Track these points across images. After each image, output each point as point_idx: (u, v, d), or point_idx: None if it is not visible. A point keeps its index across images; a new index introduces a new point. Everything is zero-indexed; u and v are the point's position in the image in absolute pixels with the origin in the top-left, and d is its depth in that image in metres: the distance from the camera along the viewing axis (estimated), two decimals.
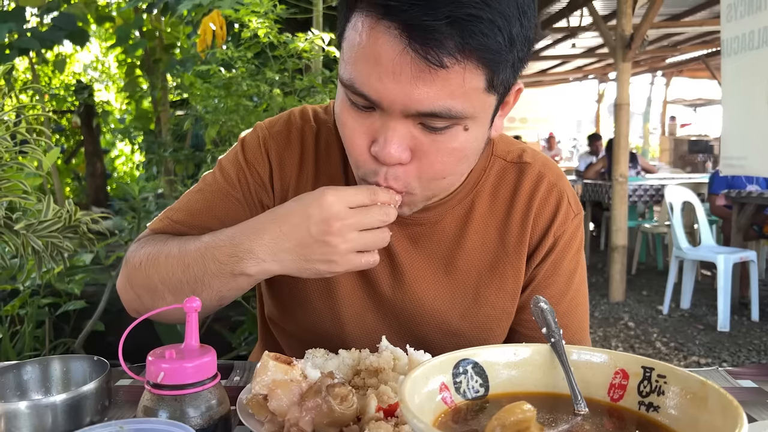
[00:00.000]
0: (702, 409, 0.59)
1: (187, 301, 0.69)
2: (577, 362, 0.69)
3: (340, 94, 0.85)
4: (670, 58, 11.29)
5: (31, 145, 1.84)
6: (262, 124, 1.06)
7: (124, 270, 0.97)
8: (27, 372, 0.79)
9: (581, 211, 1.06)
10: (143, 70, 6.74)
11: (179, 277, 0.88)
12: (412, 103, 0.75)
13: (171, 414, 0.66)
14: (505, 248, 1.01)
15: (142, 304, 0.95)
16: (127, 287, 0.96)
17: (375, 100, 0.77)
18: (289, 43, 2.78)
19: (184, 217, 1.01)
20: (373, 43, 0.75)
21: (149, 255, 0.93)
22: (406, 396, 0.56)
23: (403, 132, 0.79)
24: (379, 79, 0.75)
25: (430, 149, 0.81)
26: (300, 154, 1.03)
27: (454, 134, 0.80)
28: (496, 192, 1.02)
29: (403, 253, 1.00)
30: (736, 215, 4.97)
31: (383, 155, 0.79)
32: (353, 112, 0.82)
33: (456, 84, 0.74)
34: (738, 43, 4.13)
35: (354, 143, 0.84)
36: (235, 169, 1.02)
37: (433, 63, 0.72)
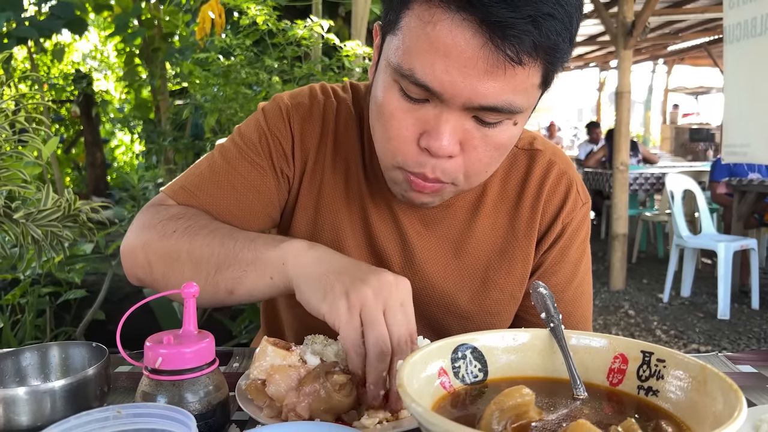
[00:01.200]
0: (701, 393, 0.59)
1: (184, 286, 0.68)
2: (576, 347, 0.69)
3: (387, 82, 0.82)
4: (672, 46, 11.23)
5: (30, 135, 1.83)
6: (282, 95, 1.04)
7: (144, 234, 0.92)
8: (26, 358, 0.79)
9: (589, 200, 1.06)
10: (142, 59, 6.72)
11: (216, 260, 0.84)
12: (476, 97, 0.75)
13: (169, 399, 0.66)
14: (515, 233, 1.02)
15: (151, 272, 0.91)
16: (139, 252, 0.91)
17: (437, 92, 0.76)
18: (288, 31, 2.76)
19: (208, 186, 0.97)
20: (446, 34, 0.73)
21: (186, 228, 0.88)
22: (405, 381, 0.56)
23: (457, 125, 0.78)
24: (446, 71, 0.74)
25: (480, 144, 0.81)
26: (321, 129, 1.02)
27: (504, 129, 0.81)
28: (507, 177, 1.03)
29: (414, 235, 1.01)
30: (737, 203, 4.96)
31: (436, 148, 0.78)
32: (404, 102, 0.80)
33: (521, 80, 0.75)
34: (740, 29, 4.11)
35: (400, 134, 0.81)
36: (257, 135, 1.00)
37: (511, 59, 0.72)
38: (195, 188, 0.98)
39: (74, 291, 2.79)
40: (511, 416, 0.56)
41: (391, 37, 0.80)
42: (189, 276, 0.86)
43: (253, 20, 2.75)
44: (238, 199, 0.97)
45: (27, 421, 0.67)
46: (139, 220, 0.95)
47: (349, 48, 2.75)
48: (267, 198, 0.99)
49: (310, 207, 1.02)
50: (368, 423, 0.69)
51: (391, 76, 0.81)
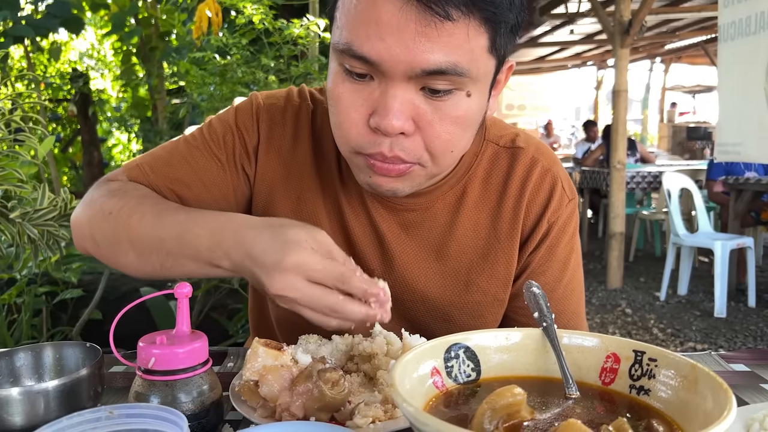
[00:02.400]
0: (692, 392, 0.59)
1: (177, 287, 0.69)
2: (568, 346, 0.70)
3: (332, 69, 0.82)
4: (669, 45, 11.23)
5: (26, 134, 1.83)
6: (258, 94, 1.04)
7: (87, 209, 0.92)
8: (20, 359, 0.79)
9: (575, 196, 1.04)
10: (139, 58, 6.71)
11: (151, 247, 0.84)
12: (416, 61, 0.73)
13: (162, 399, 0.66)
14: (497, 235, 1.00)
15: (98, 249, 0.91)
16: (85, 227, 0.92)
17: (376, 61, 0.74)
18: (285, 30, 2.76)
19: (163, 167, 0.97)
20: (373, 2, 0.73)
21: (121, 208, 0.88)
22: (397, 380, 0.56)
23: (404, 99, 0.76)
24: (380, 38, 0.73)
25: (434, 118, 0.79)
26: (294, 132, 1.01)
27: (456, 101, 0.79)
28: (488, 177, 1.01)
29: (393, 239, 0.99)
30: (734, 202, 4.97)
31: (384, 125, 0.76)
32: (348, 83, 0.79)
33: (461, 39, 0.73)
34: (735, 28, 4.11)
35: (349, 116, 0.80)
36: (223, 129, 0.99)
37: (438, 14, 0.71)
38: (148, 167, 0.97)
39: (71, 290, 2.79)
40: (502, 416, 0.56)
41: (333, 24, 0.81)
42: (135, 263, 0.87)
43: (250, 19, 2.75)
44: (188, 187, 0.97)
45: (20, 421, 0.67)
46: (88, 194, 0.96)
47: None
48: (220, 192, 0.99)
49: (289, 213, 1.00)
50: (361, 422, 0.69)
51: (336, 60, 0.80)
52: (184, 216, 0.84)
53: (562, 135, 16.00)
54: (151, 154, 1.00)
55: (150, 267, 0.86)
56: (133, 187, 0.95)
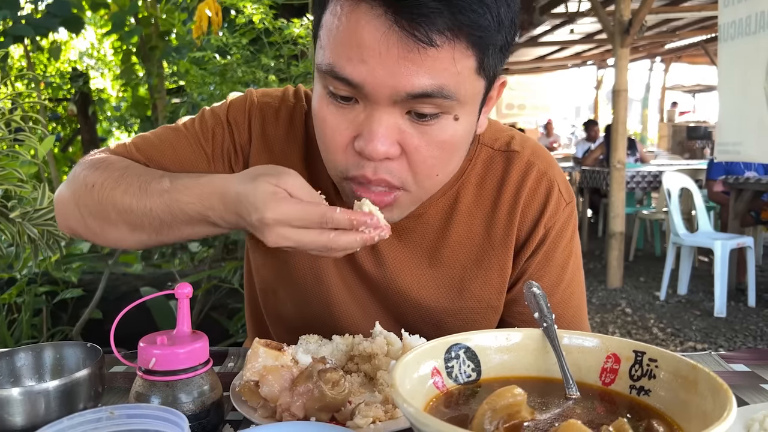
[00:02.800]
0: (692, 392, 0.59)
1: (178, 287, 0.69)
2: (568, 346, 0.70)
3: (318, 90, 0.80)
4: (669, 44, 11.24)
5: (26, 134, 1.83)
6: (254, 91, 1.03)
7: (71, 185, 0.92)
8: (20, 359, 0.79)
9: (573, 199, 1.03)
10: (139, 57, 6.70)
11: (141, 218, 0.85)
12: (400, 85, 0.71)
13: (163, 400, 0.66)
14: (491, 241, 0.98)
15: (86, 226, 0.91)
16: (71, 204, 0.91)
17: (358, 83, 0.73)
18: (285, 29, 2.76)
19: (148, 149, 0.97)
20: (354, 25, 0.71)
21: (104, 181, 0.88)
22: (397, 381, 0.56)
23: (390, 124, 0.75)
24: (362, 61, 0.71)
25: (420, 143, 0.77)
26: (286, 132, 1.00)
27: (443, 125, 0.77)
28: (482, 182, 0.99)
29: (385, 245, 0.98)
30: (734, 201, 4.97)
31: (369, 150, 0.75)
32: (333, 105, 0.78)
33: (447, 63, 0.71)
34: (735, 28, 4.11)
35: (334, 140, 0.79)
36: (213, 122, 0.99)
37: (421, 41, 0.69)
38: (134, 148, 0.98)
39: (71, 290, 2.79)
40: (503, 416, 0.56)
41: (317, 42, 0.79)
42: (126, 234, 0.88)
43: (250, 19, 2.75)
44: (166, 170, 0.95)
45: (21, 421, 0.67)
46: (71, 172, 0.96)
47: None
48: None
49: None
50: (362, 422, 0.69)
51: (320, 81, 0.79)
52: (168, 183, 0.84)
53: (562, 134, 16.00)
54: (141, 136, 1.00)
55: (145, 236, 0.87)
56: (117, 159, 0.94)
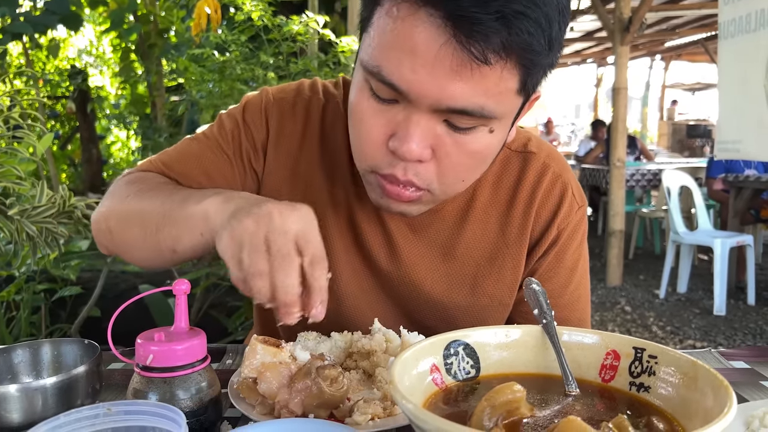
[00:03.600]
0: (692, 389, 0.59)
1: (175, 283, 0.68)
2: (568, 343, 0.69)
3: (358, 81, 0.80)
4: (669, 42, 11.22)
5: (24, 131, 1.82)
6: (268, 89, 1.03)
7: (107, 202, 0.95)
8: (18, 355, 0.79)
9: (585, 203, 1.03)
10: (138, 55, 6.70)
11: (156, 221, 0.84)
12: (444, 98, 0.72)
13: (161, 396, 0.66)
14: (506, 239, 1.00)
15: (112, 239, 0.93)
16: (101, 220, 0.93)
17: (404, 91, 0.73)
18: (284, 26, 2.75)
19: (174, 163, 0.99)
20: (410, 30, 0.70)
21: (139, 190, 0.90)
22: (396, 377, 0.56)
23: (426, 128, 0.76)
24: (412, 70, 0.71)
25: (452, 150, 0.78)
26: (303, 126, 1.00)
27: (478, 136, 0.78)
28: (499, 181, 1.00)
29: (401, 239, 0.99)
30: (734, 199, 4.97)
31: (403, 151, 0.76)
32: (373, 102, 0.78)
33: (492, 82, 0.72)
34: (735, 25, 4.11)
35: (370, 136, 0.79)
36: (231, 125, 1.00)
37: (476, 57, 0.69)
38: (161, 163, 0.99)
39: (69, 288, 2.79)
40: (502, 413, 0.56)
41: (365, 35, 0.78)
42: (137, 236, 0.87)
43: (249, 16, 2.74)
44: (195, 182, 0.97)
45: (19, 418, 0.67)
46: (107, 191, 0.97)
47: (345, 44, 2.74)
48: (228, 187, 0.98)
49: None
50: (360, 419, 0.69)
51: (362, 75, 0.78)
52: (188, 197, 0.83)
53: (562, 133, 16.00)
54: (163, 152, 1.02)
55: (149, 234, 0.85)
56: (153, 176, 0.97)
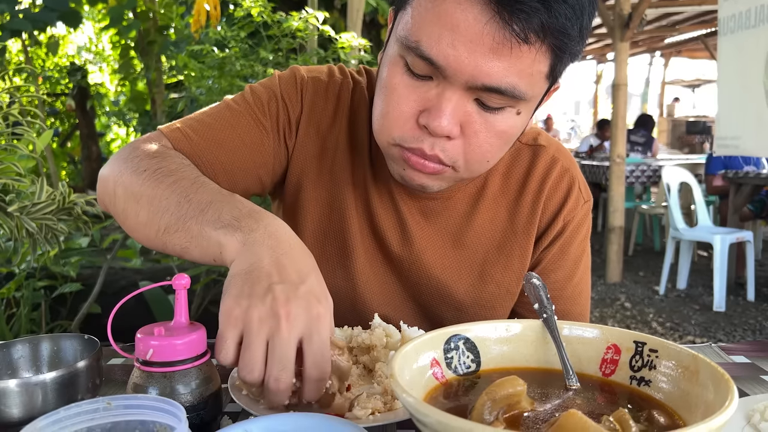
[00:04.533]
0: (693, 382, 0.59)
1: (175, 278, 0.68)
2: (569, 337, 0.69)
3: (391, 57, 0.82)
4: (669, 38, 11.20)
5: (24, 128, 1.82)
6: (299, 67, 1.03)
7: (121, 164, 0.87)
8: (18, 351, 0.78)
9: (590, 199, 1.06)
10: (137, 52, 6.69)
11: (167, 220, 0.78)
12: (480, 75, 0.74)
13: (161, 391, 0.66)
14: (514, 228, 1.02)
15: (114, 203, 0.87)
16: (109, 180, 0.87)
17: (441, 66, 0.75)
18: (283, 23, 2.75)
19: (206, 130, 0.94)
20: (453, 7, 0.73)
21: (159, 168, 0.83)
22: (396, 372, 0.56)
23: (458, 105, 0.78)
24: (452, 45, 0.73)
25: (481, 129, 0.80)
26: (335, 107, 1.01)
27: (506, 116, 0.80)
28: (509, 172, 1.02)
29: (413, 224, 1.01)
30: (733, 196, 4.97)
31: (434, 126, 0.78)
32: (407, 76, 0.80)
33: (526, 63, 0.74)
34: (735, 21, 4.10)
35: (399, 108, 0.81)
36: (268, 96, 0.98)
37: (517, 35, 0.71)
38: (192, 131, 0.94)
39: (69, 284, 2.79)
40: (503, 406, 0.56)
41: (402, 12, 0.80)
42: (143, 223, 0.81)
43: (248, 12, 2.74)
44: (231, 151, 0.94)
45: (19, 413, 0.67)
46: (123, 150, 0.92)
47: (344, 40, 2.74)
48: (261, 158, 0.97)
49: (320, 187, 1.01)
50: (361, 414, 0.69)
51: (398, 51, 0.80)
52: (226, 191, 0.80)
53: (562, 129, 15.99)
54: (192, 117, 0.97)
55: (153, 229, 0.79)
56: (176, 154, 0.90)
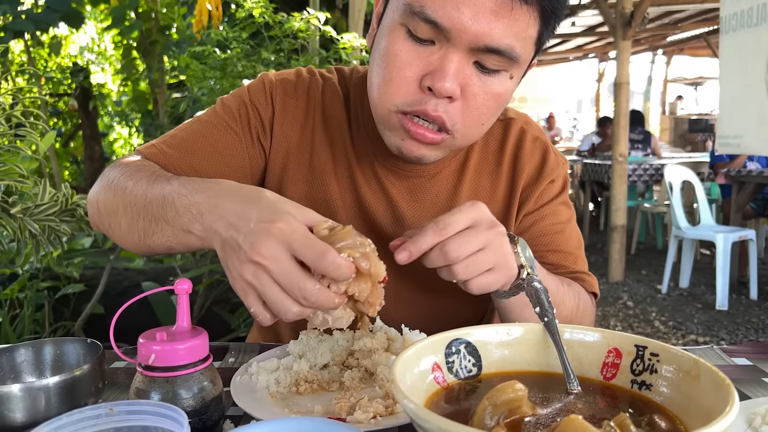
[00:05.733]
0: (694, 387, 0.59)
1: (177, 283, 0.68)
2: (570, 341, 0.69)
3: (393, 25, 0.85)
4: (671, 36, 11.18)
5: (27, 129, 1.83)
6: (268, 73, 1.09)
7: (98, 184, 0.95)
8: (21, 355, 0.79)
9: (566, 162, 1.13)
10: (139, 52, 6.69)
11: (138, 210, 0.83)
12: (482, 36, 0.79)
13: (163, 396, 0.66)
14: (496, 196, 1.07)
15: (101, 220, 0.94)
16: (93, 201, 0.95)
17: (446, 28, 0.79)
18: (285, 23, 2.75)
19: (180, 143, 1.00)
20: None
21: (122, 176, 0.90)
22: (398, 376, 0.56)
23: (459, 67, 0.82)
24: (456, 8, 0.78)
25: (479, 91, 0.85)
26: (306, 105, 1.06)
27: (501, 79, 0.86)
28: (486, 145, 1.08)
29: (403, 204, 1.04)
30: (736, 194, 4.95)
31: (438, 86, 0.81)
32: (409, 42, 0.83)
33: (521, 26, 0.81)
34: (736, 19, 4.09)
35: (402, 73, 0.84)
36: (237, 104, 1.04)
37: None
38: (166, 146, 1.00)
39: (73, 285, 2.79)
40: (504, 411, 0.56)
41: None
42: (125, 232, 0.87)
43: (250, 13, 2.74)
44: (204, 158, 0.99)
45: (22, 417, 0.67)
46: (103, 172, 0.98)
47: (346, 40, 2.74)
48: (236, 162, 1.01)
49: (301, 181, 1.04)
50: (362, 417, 0.69)
51: (398, 20, 0.84)
52: (177, 182, 0.81)
53: (564, 127, 15.96)
54: (166, 135, 1.04)
55: (135, 235, 0.85)
56: (139, 160, 0.97)
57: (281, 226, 0.66)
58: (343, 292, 0.68)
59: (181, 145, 0.99)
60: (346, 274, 0.66)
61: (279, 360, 0.84)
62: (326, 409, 0.74)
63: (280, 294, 0.66)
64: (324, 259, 0.65)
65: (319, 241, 0.66)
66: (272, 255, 0.65)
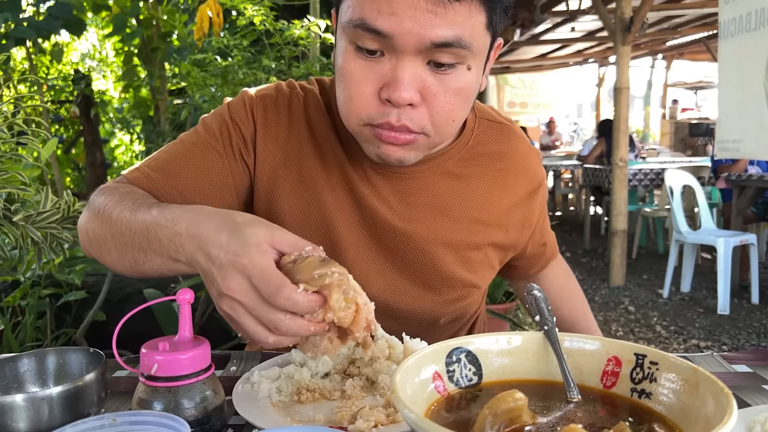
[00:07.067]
0: (693, 395, 0.59)
1: (179, 293, 0.69)
2: (570, 350, 0.70)
3: (343, 47, 0.87)
4: (671, 41, 11.21)
5: (29, 137, 1.83)
6: (247, 90, 1.09)
7: (86, 212, 0.97)
8: (23, 365, 0.79)
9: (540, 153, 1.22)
10: (141, 59, 6.72)
11: (126, 243, 0.85)
12: (425, 34, 0.80)
13: (165, 405, 0.66)
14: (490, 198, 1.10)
15: (92, 248, 0.95)
16: (83, 229, 0.96)
17: (388, 33, 0.80)
18: (286, 31, 2.76)
19: (163, 166, 1.00)
20: None
21: (105, 206, 0.91)
22: (398, 386, 0.56)
23: (413, 72, 0.83)
24: (391, 13, 0.79)
25: (439, 90, 0.86)
26: (289, 118, 1.06)
27: (459, 74, 0.86)
28: (478, 146, 1.11)
29: (401, 204, 1.05)
30: (736, 198, 4.95)
31: (395, 96, 0.83)
32: (360, 59, 0.85)
33: (464, 15, 0.81)
34: (735, 24, 4.10)
35: (360, 90, 0.86)
36: (218, 123, 1.04)
37: None
38: (150, 169, 1.00)
39: (74, 292, 2.79)
40: (504, 420, 0.56)
41: (342, 4, 0.86)
42: (117, 260, 0.89)
43: (251, 20, 2.75)
44: (188, 179, 0.99)
45: (25, 427, 0.67)
46: (90, 199, 0.99)
47: None
48: (219, 181, 1.01)
49: (292, 195, 1.04)
50: (364, 426, 0.69)
51: (346, 39, 0.86)
52: (157, 210, 0.82)
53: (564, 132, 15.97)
54: (150, 158, 1.04)
55: (127, 263, 0.87)
56: (122, 186, 0.97)
57: (244, 261, 0.66)
58: (321, 320, 0.67)
59: (164, 167, 1.00)
60: (306, 307, 0.65)
61: (280, 368, 0.85)
62: (328, 418, 0.74)
63: (255, 325, 0.67)
64: (279, 295, 0.64)
65: (275, 277, 0.65)
66: (240, 289, 0.66)
